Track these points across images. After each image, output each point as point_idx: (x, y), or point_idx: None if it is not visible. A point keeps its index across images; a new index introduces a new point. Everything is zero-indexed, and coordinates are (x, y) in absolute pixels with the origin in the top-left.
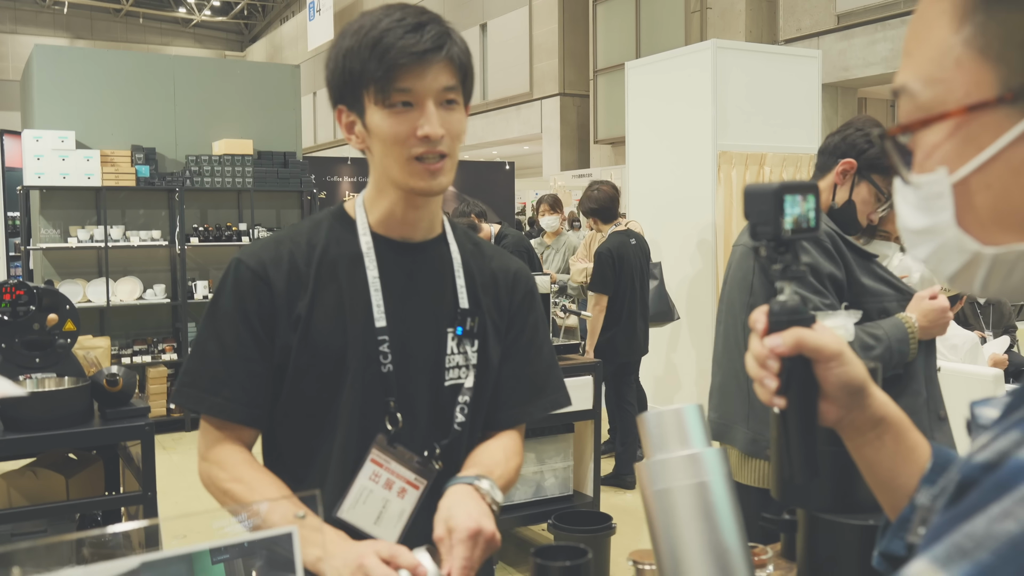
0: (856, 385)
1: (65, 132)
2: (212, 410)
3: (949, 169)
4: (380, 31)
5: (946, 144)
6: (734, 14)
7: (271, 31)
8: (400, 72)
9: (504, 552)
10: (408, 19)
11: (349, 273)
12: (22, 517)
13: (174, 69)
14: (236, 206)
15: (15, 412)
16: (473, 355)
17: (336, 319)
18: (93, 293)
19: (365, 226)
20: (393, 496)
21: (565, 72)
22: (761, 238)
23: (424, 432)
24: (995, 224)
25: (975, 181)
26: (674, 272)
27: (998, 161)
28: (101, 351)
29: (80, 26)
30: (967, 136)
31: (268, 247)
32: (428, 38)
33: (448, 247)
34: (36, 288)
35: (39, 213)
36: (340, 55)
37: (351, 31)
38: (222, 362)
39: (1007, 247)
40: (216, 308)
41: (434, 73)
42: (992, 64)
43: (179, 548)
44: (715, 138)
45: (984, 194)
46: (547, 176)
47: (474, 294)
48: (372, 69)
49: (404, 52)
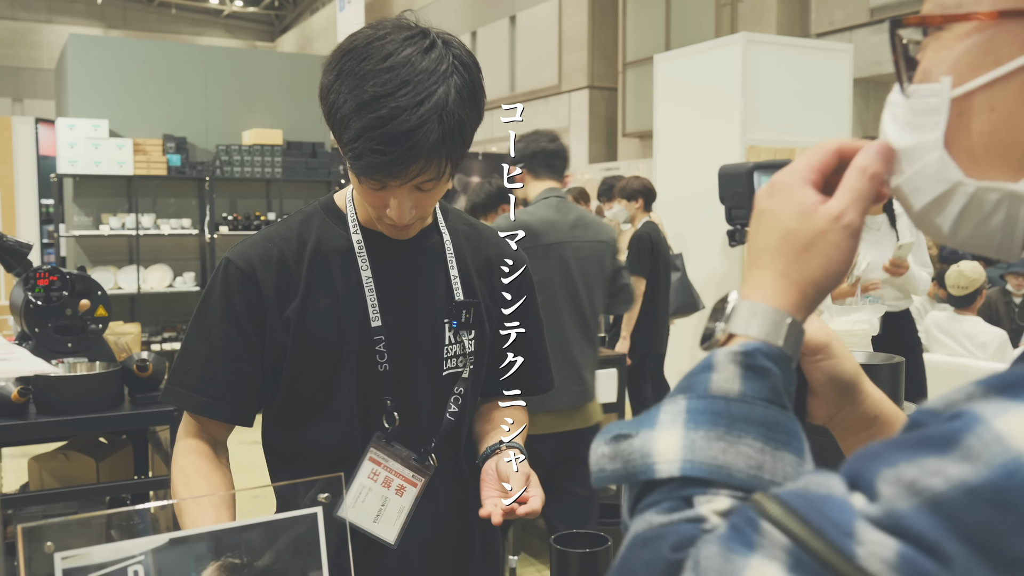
0: (846, 381)
1: (98, 121)
2: (198, 409)
3: (955, 81)
4: (363, 111)
5: (959, 51)
6: (765, 7)
7: (301, 22)
8: (376, 172)
9: (527, 543)
10: (394, 110)
11: (342, 270)
12: (53, 499)
13: (205, 59)
14: (265, 195)
15: (47, 396)
16: (470, 344)
17: (331, 319)
18: (124, 280)
19: (355, 222)
20: (392, 494)
21: (594, 65)
22: (736, 222)
23: (423, 426)
24: (987, 155)
25: (979, 100)
26: (700, 266)
27: (1012, 82)
28: (132, 337)
29: (114, 16)
30: (986, 46)
31: (257, 245)
32: (412, 153)
33: (441, 236)
34: (69, 274)
35: (72, 201)
36: (330, 84)
37: (346, 68)
38: (209, 362)
39: (992, 183)
40: (205, 307)
41: (405, 179)
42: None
43: (205, 527)
44: (744, 132)
45: (985, 117)
46: (575, 169)
47: (468, 283)
48: (347, 149)
49: (377, 167)
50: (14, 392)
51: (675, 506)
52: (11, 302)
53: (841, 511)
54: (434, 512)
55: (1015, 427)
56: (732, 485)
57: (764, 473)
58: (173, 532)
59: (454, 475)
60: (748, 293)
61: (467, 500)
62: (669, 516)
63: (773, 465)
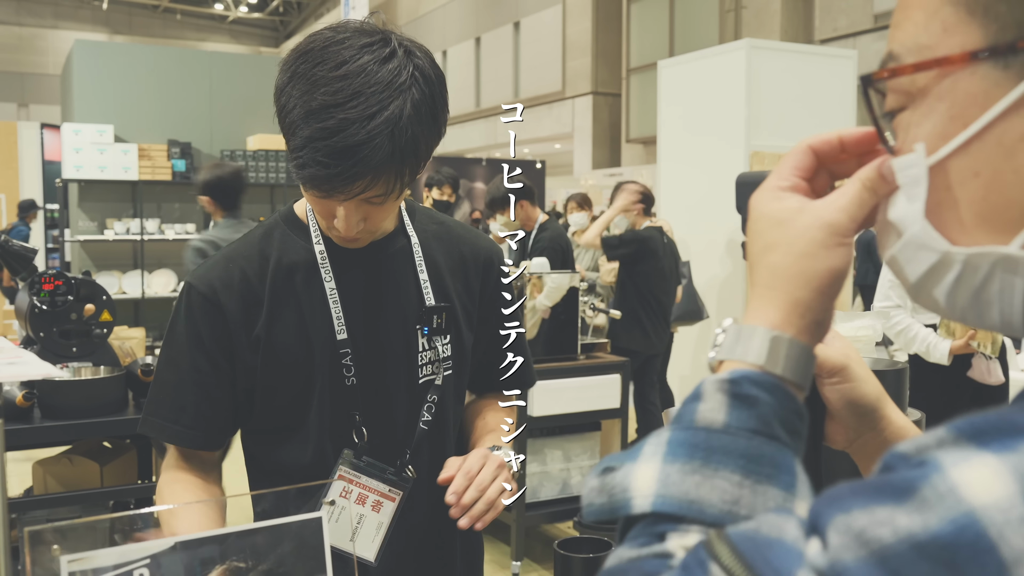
0: (865, 406)
1: (104, 126)
2: (172, 439)
3: (928, 149)
4: (310, 119)
5: (927, 118)
6: (769, 13)
7: (306, 27)
8: (320, 185)
9: (530, 549)
10: (342, 121)
11: (306, 284)
12: (57, 503)
13: (210, 65)
14: (270, 200)
15: (52, 400)
16: (444, 349)
17: (298, 335)
18: (128, 285)
19: (317, 232)
20: (367, 511)
21: (598, 70)
22: None
23: (399, 437)
24: (982, 221)
25: (960, 167)
26: (703, 272)
27: (987, 140)
28: (136, 341)
29: (119, 22)
30: (952, 110)
31: (217, 267)
32: (356, 169)
33: (408, 238)
34: (74, 279)
35: (77, 205)
36: (282, 86)
37: (299, 71)
38: (178, 390)
39: (982, 248)
40: (171, 335)
41: (349, 195)
42: (979, 21)
43: (210, 530)
44: (748, 138)
45: (972, 185)
46: (578, 175)
47: (440, 285)
48: (292, 157)
49: (320, 180)
50: (19, 396)
51: (647, 541)
52: (16, 306)
53: (786, 558)
54: (415, 524)
55: (971, 479)
56: (704, 521)
57: (741, 508)
58: (179, 536)
59: (435, 485)
60: (746, 317)
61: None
62: (639, 551)
63: (752, 500)
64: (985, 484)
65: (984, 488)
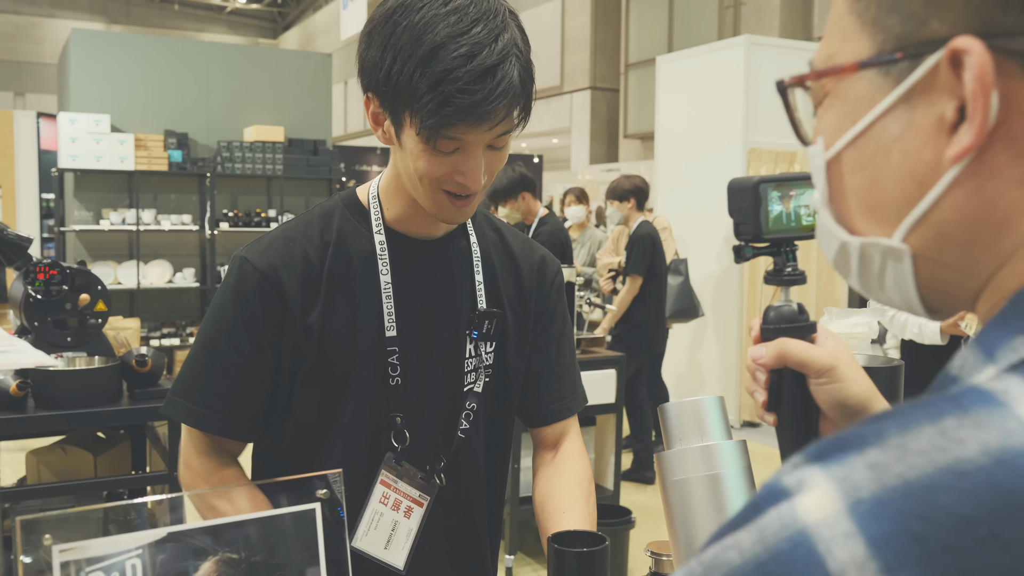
0: (853, 405)
1: (100, 116)
2: (200, 423)
3: (826, 143)
4: (439, 53)
5: (829, 115)
6: (768, 10)
7: (304, 19)
8: (457, 124)
9: (523, 543)
10: (474, 46)
11: (363, 274)
12: (50, 493)
13: (208, 55)
14: (266, 192)
15: (46, 389)
16: (488, 357)
17: (347, 327)
18: (124, 275)
19: (380, 222)
20: (401, 517)
21: (596, 66)
22: (743, 238)
23: (434, 443)
24: (869, 213)
25: (850, 159)
26: (699, 268)
27: (870, 138)
28: (131, 332)
29: (116, 11)
30: (845, 108)
31: (278, 245)
32: (500, 89)
33: (468, 239)
34: (69, 268)
35: (73, 195)
36: (382, 49)
37: (401, 23)
38: (215, 374)
39: (872, 239)
40: (216, 313)
41: (494, 122)
42: (869, 32)
43: (203, 521)
44: (745, 135)
45: (859, 176)
46: (575, 170)
47: (494, 291)
48: (424, 103)
49: (467, 110)
50: (12, 386)
51: None
52: (11, 296)
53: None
54: (442, 531)
55: (807, 500)
56: None
57: None
58: (171, 526)
59: (464, 493)
60: None
61: (478, 518)
62: None
63: None
64: (817, 502)
65: (815, 506)
